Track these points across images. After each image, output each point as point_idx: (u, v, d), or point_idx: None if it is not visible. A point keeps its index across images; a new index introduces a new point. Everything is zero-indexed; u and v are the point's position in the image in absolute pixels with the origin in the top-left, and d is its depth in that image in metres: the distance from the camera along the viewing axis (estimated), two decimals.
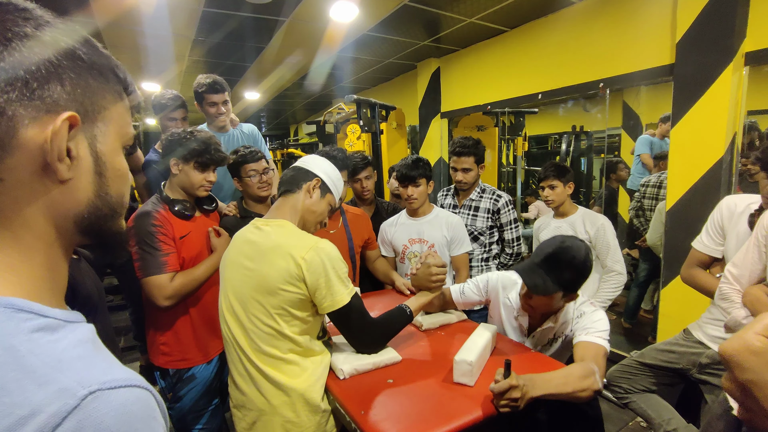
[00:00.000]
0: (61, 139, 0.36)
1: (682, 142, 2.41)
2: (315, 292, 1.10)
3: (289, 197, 1.25)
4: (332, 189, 1.31)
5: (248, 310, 1.14)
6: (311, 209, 1.26)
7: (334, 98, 6.48)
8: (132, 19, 3.00)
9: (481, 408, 1.02)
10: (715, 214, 1.62)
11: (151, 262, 1.45)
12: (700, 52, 2.29)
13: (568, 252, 1.26)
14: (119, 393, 0.33)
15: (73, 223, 0.40)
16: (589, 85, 3.01)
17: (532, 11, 3.21)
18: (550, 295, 1.27)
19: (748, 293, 1.23)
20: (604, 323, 1.30)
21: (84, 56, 0.39)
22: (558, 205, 2.21)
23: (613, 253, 2.07)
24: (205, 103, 2.21)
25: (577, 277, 1.27)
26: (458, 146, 2.17)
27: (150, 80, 4.65)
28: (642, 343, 2.91)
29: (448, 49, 4.09)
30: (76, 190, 0.39)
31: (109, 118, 0.42)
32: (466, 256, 2.06)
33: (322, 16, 3.03)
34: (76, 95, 0.38)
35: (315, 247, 1.11)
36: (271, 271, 1.10)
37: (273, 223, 1.20)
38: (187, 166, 1.55)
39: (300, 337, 1.14)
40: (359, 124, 3.32)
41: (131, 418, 0.33)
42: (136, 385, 0.35)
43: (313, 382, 1.15)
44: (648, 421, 1.72)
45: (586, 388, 1.07)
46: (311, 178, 1.27)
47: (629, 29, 2.72)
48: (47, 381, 0.31)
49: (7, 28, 0.34)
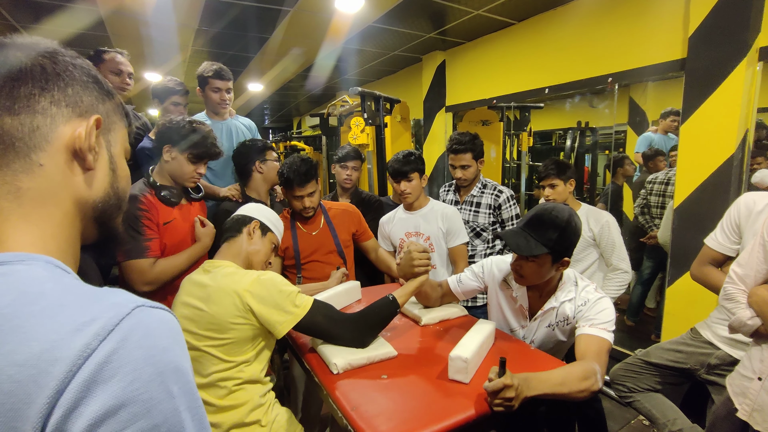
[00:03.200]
0: (92, 134, 0.48)
1: (693, 139, 2.36)
2: (266, 319, 1.16)
3: (233, 242, 1.35)
4: (272, 228, 1.42)
5: (194, 347, 1.18)
6: (255, 249, 1.35)
7: (338, 91, 6.44)
8: (135, 8, 2.98)
9: (474, 406, 1.00)
10: (731, 210, 1.54)
11: (133, 245, 1.44)
12: (713, 47, 2.23)
13: (550, 212, 1.26)
14: (159, 311, 0.41)
15: (92, 209, 0.50)
16: (597, 80, 2.95)
17: (540, 3, 3.14)
18: (537, 257, 1.24)
19: (754, 294, 1.19)
20: (609, 313, 1.26)
21: (102, 84, 0.52)
22: (561, 203, 2.16)
23: (618, 251, 2.04)
24: (209, 88, 2.20)
25: (561, 237, 1.24)
26: (454, 143, 2.13)
27: (153, 70, 4.64)
28: (645, 341, 2.88)
29: (454, 42, 4.03)
30: (96, 179, 0.50)
31: (117, 130, 0.54)
32: (463, 247, 2.04)
33: (327, 6, 2.99)
34: (98, 107, 0.50)
35: (257, 280, 1.19)
36: (220, 309, 1.16)
37: (218, 264, 1.27)
38: (181, 156, 1.53)
39: (248, 365, 1.20)
40: (363, 117, 3.29)
41: (171, 330, 0.41)
42: (168, 310, 0.43)
43: (252, 406, 1.20)
44: (652, 420, 1.69)
45: (585, 389, 1.04)
46: (250, 221, 1.37)
47: (640, 22, 2.66)
48: (100, 299, 0.39)
49: (55, 62, 0.47)
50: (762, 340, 1.18)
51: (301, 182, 1.77)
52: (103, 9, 3.03)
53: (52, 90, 0.46)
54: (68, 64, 0.48)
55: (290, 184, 1.78)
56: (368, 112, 3.26)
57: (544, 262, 1.26)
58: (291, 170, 1.76)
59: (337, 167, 2.43)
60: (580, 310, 1.30)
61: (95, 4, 2.94)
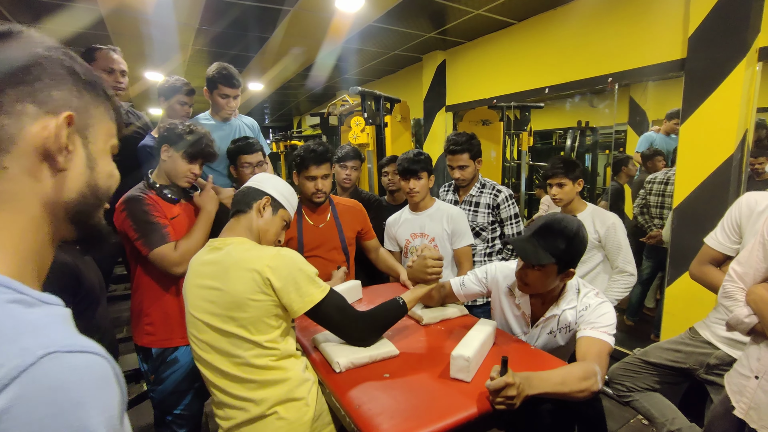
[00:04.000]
0: (62, 133, 0.44)
1: (692, 139, 2.37)
2: (284, 296, 1.11)
3: (242, 218, 1.26)
4: (285, 204, 1.32)
5: (224, 329, 1.13)
6: (265, 228, 1.27)
7: (339, 90, 6.44)
8: (135, 7, 2.98)
9: (476, 404, 1.01)
10: (733, 210, 1.53)
11: (153, 235, 1.48)
12: (712, 47, 2.24)
13: (559, 222, 1.27)
14: (76, 356, 0.36)
15: (64, 210, 0.46)
16: (597, 80, 2.96)
17: (540, 3, 3.15)
18: (544, 266, 1.25)
19: (752, 292, 1.20)
20: (610, 317, 1.27)
21: (81, 74, 0.48)
22: (566, 203, 2.11)
23: (624, 254, 1.98)
24: (216, 92, 2.20)
25: (568, 247, 1.24)
26: (451, 144, 2.13)
27: (153, 69, 4.64)
28: (645, 341, 2.89)
29: (454, 42, 4.03)
30: (70, 179, 0.46)
31: (99, 126, 0.50)
32: (468, 249, 2.04)
33: (327, 5, 2.99)
34: (73, 102, 0.46)
35: (278, 254, 1.14)
36: (238, 285, 1.10)
37: (230, 241, 1.21)
38: (176, 154, 1.57)
39: (278, 343, 1.15)
40: (363, 117, 3.29)
41: (84, 379, 0.35)
42: (94, 352, 0.37)
43: (298, 382, 1.16)
44: (651, 420, 1.70)
45: (585, 389, 1.05)
46: (261, 196, 1.28)
47: (640, 22, 2.66)
48: (13, 340, 0.34)
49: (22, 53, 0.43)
50: (759, 339, 1.19)
51: (318, 161, 1.74)
52: (103, 8, 3.03)
53: (17, 85, 0.41)
54: (38, 56, 0.43)
55: (305, 163, 1.75)
56: (368, 111, 3.27)
57: (550, 272, 1.27)
58: (307, 150, 1.75)
59: (337, 167, 2.43)
60: (581, 314, 1.32)
61: (96, 3, 2.94)
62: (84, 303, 1.28)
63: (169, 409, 1.61)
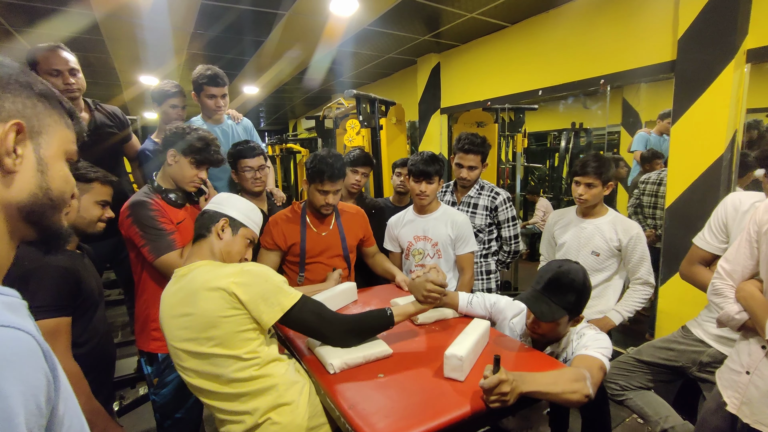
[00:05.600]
0: (9, 137, 0.48)
1: (683, 140, 2.40)
2: (253, 309, 1.11)
3: (203, 242, 1.25)
4: (246, 222, 1.30)
5: (203, 352, 1.13)
6: (227, 249, 1.26)
7: (334, 93, 6.46)
8: (130, 11, 2.98)
9: (470, 403, 1.01)
10: (719, 210, 1.56)
11: (160, 242, 1.48)
12: (701, 49, 2.27)
13: (567, 275, 1.29)
14: (0, 330, 0.38)
15: (17, 210, 0.51)
16: (589, 82, 2.99)
17: (533, 6, 3.18)
18: (557, 320, 1.28)
19: (741, 289, 1.21)
20: (605, 342, 1.29)
21: (35, 88, 0.53)
22: (590, 206, 1.93)
23: (648, 265, 1.88)
24: (203, 94, 2.20)
25: (579, 299, 1.29)
26: (467, 143, 2.10)
27: (148, 73, 4.64)
28: (639, 340, 2.90)
29: (448, 45, 4.06)
30: (19, 180, 0.50)
31: (52, 133, 0.54)
32: (471, 255, 2.03)
33: (322, 9, 3.01)
34: (25, 112, 0.51)
35: (242, 270, 1.13)
36: (208, 305, 1.10)
37: (195, 266, 1.20)
38: (183, 159, 1.57)
39: (258, 352, 1.15)
40: (359, 120, 3.30)
41: (3, 351, 0.37)
42: (21, 329, 0.40)
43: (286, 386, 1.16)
44: (645, 418, 1.71)
45: (576, 390, 1.06)
46: (217, 219, 1.26)
47: (631, 25, 2.70)
48: None
49: None
50: (750, 334, 1.20)
51: (334, 177, 1.69)
52: (98, 12, 3.03)
53: None
54: None
55: (320, 176, 1.68)
56: (363, 114, 3.27)
57: (562, 322, 1.30)
58: (325, 163, 1.67)
59: (348, 171, 2.30)
60: (577, 343, 1.34)
61: (90, 7, 2.94)
62: (83, 307, 1.29)
63: (171, 413, 1.60)
